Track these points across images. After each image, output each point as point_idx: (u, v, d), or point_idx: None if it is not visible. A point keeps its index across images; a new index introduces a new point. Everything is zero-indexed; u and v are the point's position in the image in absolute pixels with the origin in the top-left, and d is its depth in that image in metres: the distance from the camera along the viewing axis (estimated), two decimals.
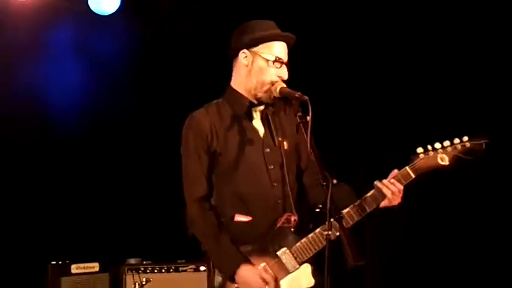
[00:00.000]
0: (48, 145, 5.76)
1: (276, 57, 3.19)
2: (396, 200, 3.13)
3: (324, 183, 2.83)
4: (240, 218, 3.20)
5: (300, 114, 2.96)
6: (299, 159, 3.30)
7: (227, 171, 3.21)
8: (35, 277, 5.39)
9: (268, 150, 3.23)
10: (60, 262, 5.33)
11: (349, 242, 2.79)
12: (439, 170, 3.15)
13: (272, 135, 3.25)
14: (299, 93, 3.02)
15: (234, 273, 3.12)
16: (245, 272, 3.11)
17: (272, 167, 3.21)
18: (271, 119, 3.28)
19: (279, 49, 3.21)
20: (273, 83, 3.18)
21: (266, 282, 3.11)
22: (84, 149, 5.89)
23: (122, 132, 5.97)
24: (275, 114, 3.29)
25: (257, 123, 3.27)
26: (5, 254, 5.50)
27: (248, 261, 3.14)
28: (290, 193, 3.22)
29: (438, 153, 3.14)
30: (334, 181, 2.88)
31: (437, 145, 3.15)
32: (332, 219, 2.83)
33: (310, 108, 2.91)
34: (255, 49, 3.21)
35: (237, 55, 3.25)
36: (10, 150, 5.56)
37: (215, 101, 3.31)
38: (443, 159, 3.14)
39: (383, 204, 3.15)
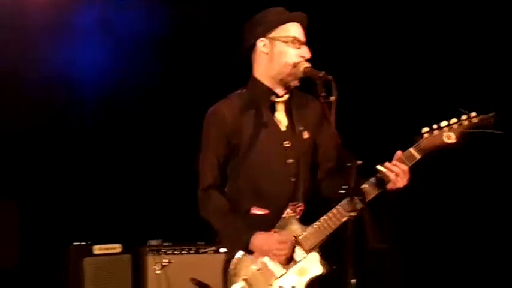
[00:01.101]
0: (70, 126, 5.81)
1: (293, 37, 3.20)
2: (402, 182, 3.08)
3: (349, 164, 2.83)
4: (256, 211, 3.22)
5: (323, 94, 2.94)
6: (317, 151, 3.31)
7: (245, 164, 3.22)
8: (58, 258, 5.44)
9: (287, 143, 3.23)
10: (82, 243, 5.38)
11: (370, 224, 2.78)
12: (447, 148, 3.08)
13: (293, 126, 3.26)
14: (323, 72, 3.01)
15: (248, 243, 3.14)
16: (259, 237, 3.13)
17: (290, 160, 3.22)
18: (294, 110, 3.28)
19: (294, 30, 3.23)
20: (295, 64, 3.18)
21: (283, 243, 3.12)
22: (106, 130, 5.92)
23: (144, 114, 5.99)
24: (297, 103, 3.29)
25: (280, 114, 3.27)
26: (28, 235, 5.55)
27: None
28: (305, 185, 3.23)
29: (444, 132, 3.05)
30: (359, 162, 2.87)
31: (444, 123, 3.07)
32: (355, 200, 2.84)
33: (334, 88, 2.90)
34: (271, 35, 3.22)
35: (254, 47, 3.26)
36: (32, 130, 5.61)
37: (238, 91, 3.33)
38: (450, 137, 3.05)
39: (389, 186, 3.10)
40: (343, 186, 2.93)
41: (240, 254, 3.17)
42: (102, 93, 5.78)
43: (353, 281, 2.70)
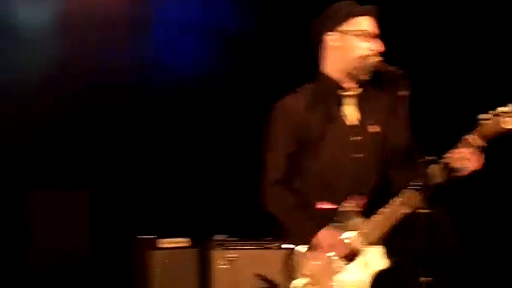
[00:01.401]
0: (141, 119, 5.90)
1: (364, 30, 3.16)
2: (473, 165, 2.98)
3: (419, 159, 2.79)
4: (322, 205, 3.18)
5: (395, 88, 2.90)
6: (388, 144, 3.23)
7: (312, 159, 3.19)
8: (125, 250, 5.53)
9: (355, 137, 3.19)
10: (148, 236, 5.44)
11: (445, 220, 2.73)
12: (507, 134, 2.96)
13: (363, 120, 3.21)
14: (394, 67, 2.97)
15: (312, 236, 3.11)
16: (325, 232, 3.10)
17: (358, 155, 3.18)
18: (364, 104, 3.23)
19: (365, 23, 3.17)
20: (366, 58, 3.14)
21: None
22: (175, 124, 5.99)
23: (215, 108, 6.03)
24: (368, 98, 3.24)
25: (348, 108, 3.23)
26: (99, 226, 5.66)
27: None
28: (374, 179, 3.18)
29: (501, 117, 2.93)
30: (429, 157, 2.82)
31: (501, 109, 2.95)
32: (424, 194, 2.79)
33: (406, 82, 2.85)
34: (341, 29, 3.18)
35: (322, 41, 3.23)
36: (105, 123, 5.74)
37: (306, 86, 3.30)
38: (507, 123, 2.92)
39: (458, 173, 3.01)
40: (412, 182, 2.90)
41: (302, 249, 3.16)
42: (177, 86, 5.84)
43: (425, 279, 2.65)
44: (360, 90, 3.22)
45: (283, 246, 4.99)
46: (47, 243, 5.48)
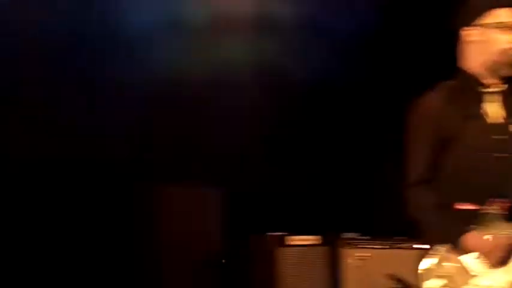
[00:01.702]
0: (276, 116, 5.95)
1: (504, 22, 3.04)
2: None
3: None
4: (461, 206, 3.08)
5: None
6: None
7: (451, 157, 3.10)
8: (255, 247, 5.60)
9: (497, 136, 3.07)
10: (277, 233, 5.47)
11: None
12: None
13: (508, 119, 3.09)
14: None
15: (459, 240, 3.01)
16: (476, 236, 2.99)
17: (501, 154, 3.05)
18: (509, 101, 3.10)
19: (505, 14, 3.05)
20: (508, 51, 3.02)
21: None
22: (308, 121, 6.01)
23: (347, 106, 6.01)
24: None
25: (491, 106, 3.11)
26: (228, 223, 5.75)
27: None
28: None
29: None
30: None
31: None
32: None
33: None
34: (477, 22, 3.07)
35: (460, 35, 3.13)
36: (243, 120, 5.84)
37: (445, 83, 3.20)
38: None
39: None
40: None
41: (439, 250, 3.07)
42: (304, 86, 5.87)
43: None
44: (504, 86, 3.10)
45: (415, 246, 4.95)
46: (179, 240, 5.61)
